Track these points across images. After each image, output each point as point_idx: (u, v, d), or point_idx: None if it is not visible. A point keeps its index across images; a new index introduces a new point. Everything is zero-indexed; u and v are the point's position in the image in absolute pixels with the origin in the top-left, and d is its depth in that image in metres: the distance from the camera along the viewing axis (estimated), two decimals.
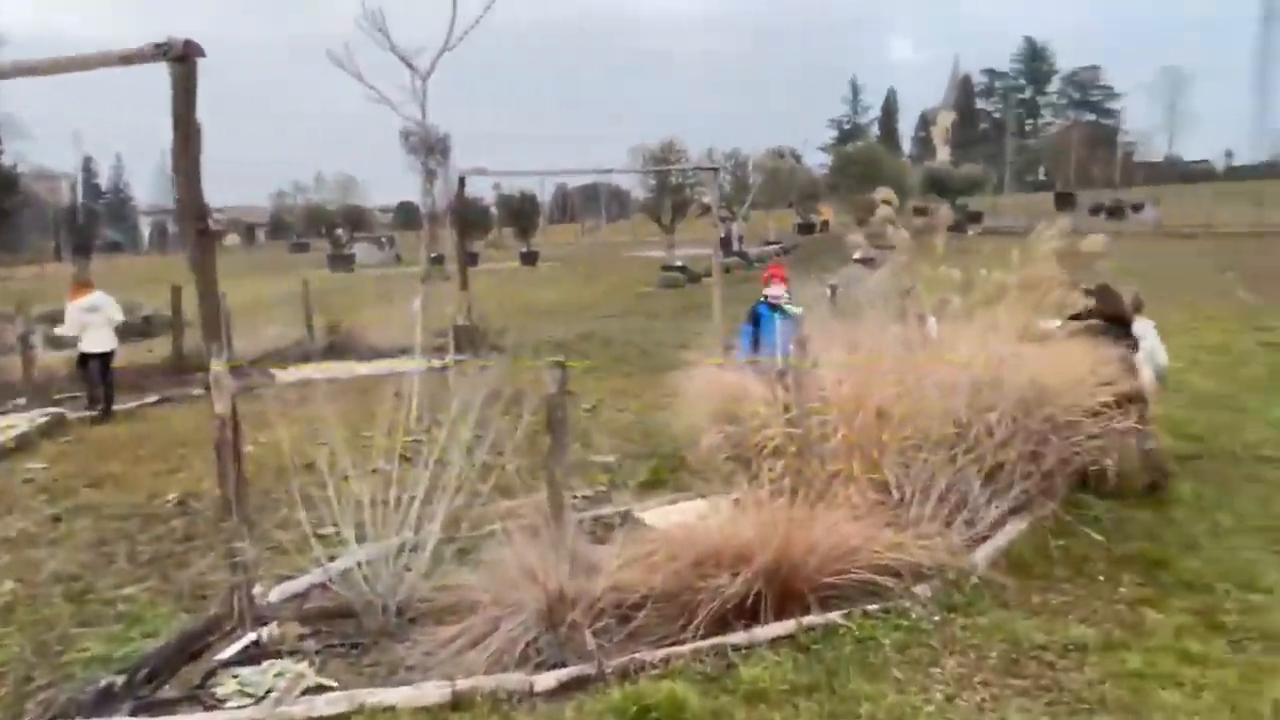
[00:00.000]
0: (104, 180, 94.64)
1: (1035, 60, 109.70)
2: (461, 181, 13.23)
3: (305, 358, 12.62)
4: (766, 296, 8.34)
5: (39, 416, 9.41)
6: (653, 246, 48.62)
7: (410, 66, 8.34)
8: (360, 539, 5.04)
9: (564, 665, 3.86)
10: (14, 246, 59.70)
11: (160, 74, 3.98)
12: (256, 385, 11.14)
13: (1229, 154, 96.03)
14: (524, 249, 37.97)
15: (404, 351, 13.23)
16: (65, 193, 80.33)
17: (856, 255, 28.53)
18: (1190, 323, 14.08)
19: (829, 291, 11.80)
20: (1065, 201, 62.39)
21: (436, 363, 12.52)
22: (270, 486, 7.04)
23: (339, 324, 13.09)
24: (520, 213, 38.15)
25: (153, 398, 10.38)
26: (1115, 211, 58.17)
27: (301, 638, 4.29)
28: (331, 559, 5.06)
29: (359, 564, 4.81)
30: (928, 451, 4.99)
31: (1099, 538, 5.12)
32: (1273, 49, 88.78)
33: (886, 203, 6.93)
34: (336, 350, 12.88)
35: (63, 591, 4.82)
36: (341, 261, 35.58)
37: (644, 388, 10.75)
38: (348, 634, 4.35)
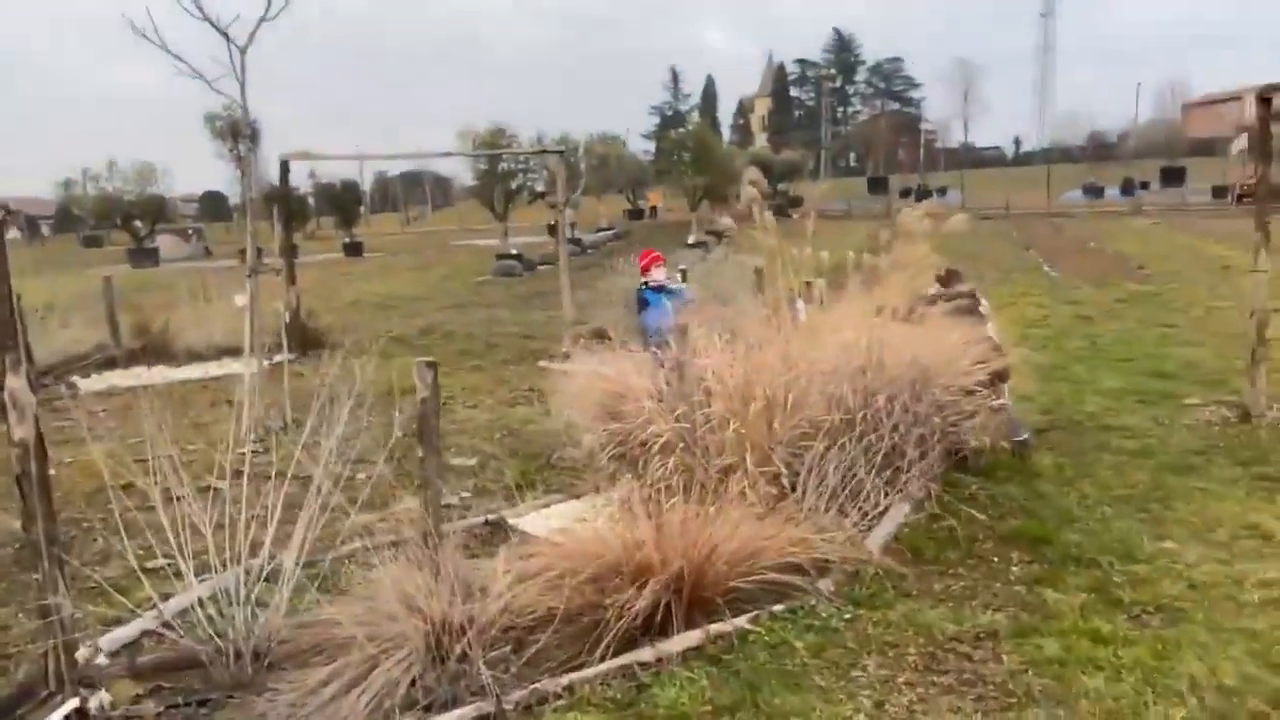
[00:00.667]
0: None
1: (843, 51, 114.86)
2: (284, 166, 12.28)
3: (111, 363, 11.36)
4: (648, 283, 8.10)
5: None
6: (482, 235, 47.61)
7: (226, 37, 7.50)
8: (199, 571, 4.42)
9: (457, 704, 3.43)
10: None
11: None
12: (56, 398, 9.92)
13: (1018, 140, 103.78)
14: (347, 239, 36.26)
15: (225, 353, 12.17)
16: None
17: (690, 239, 28.89)
18: (1009, 298, 14.85)
19: (679, 275, 11.65)
20: (878, 186, 65.72)
21: (265, 364, 11.58)
22: (81, 513, 6.18)
23: (149, 324, 11.85)
24: (341, 202, 36.35)
25: None
26: (923, 195, 61.76)
27: (137, 699, 3.65)
28: (165, 598, 4.41)
29: (200, 601, 4.19)
30: (818, 440, 4.83)
31: (981, 516, 5.12)
32: (1053, 40, 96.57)
33: (754, 184, 6.76)
34: (148, 354, 11.67)
35: None
36: (144, 256, 32.80)
37: (496, 383, 10.27)
38: (194, 689, 3.74)
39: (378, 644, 3.63)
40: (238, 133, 38.09)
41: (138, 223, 35.82)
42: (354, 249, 35.69)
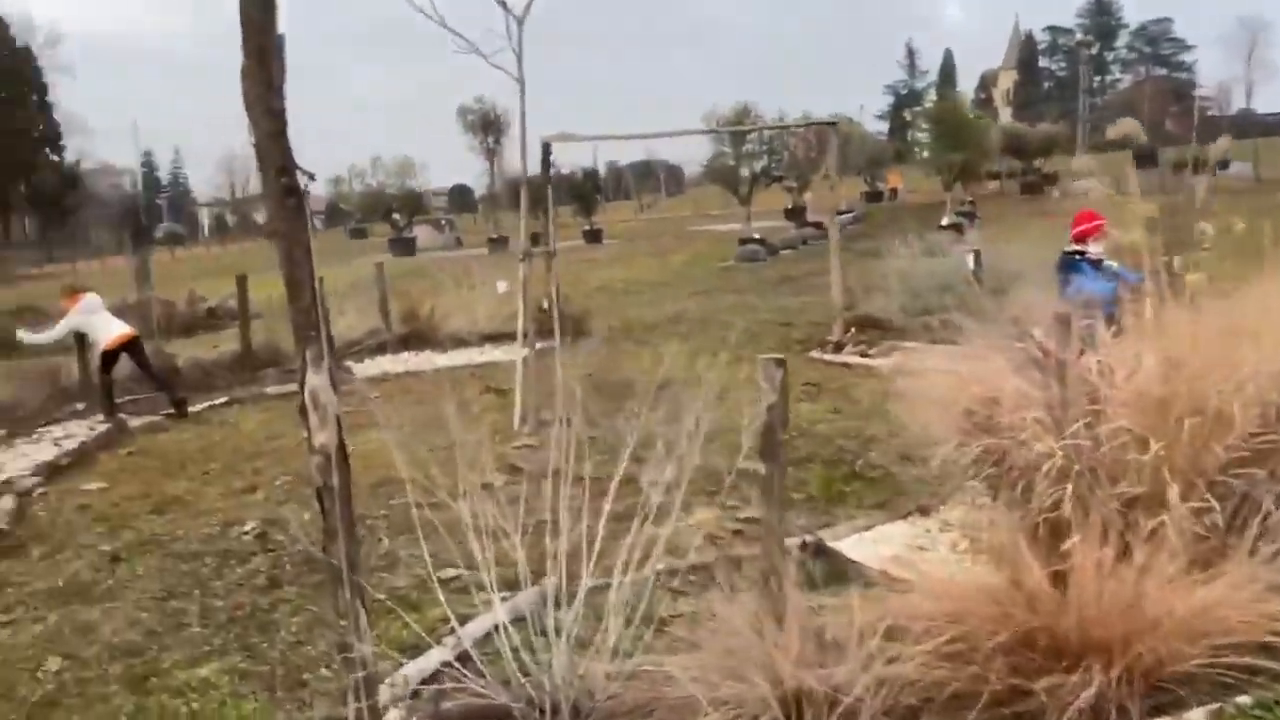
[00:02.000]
0: (163, 173, 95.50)
1: (1101, 15, 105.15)
2: (546, 149, 12.01)
3: (381, 349, 11.55)
4: (1082, 252, 6.35)
5: (98, 424, 8.44)
6: (717, 220, 47.13)
7: (504, 6, 7.11)
8: (497, 586, 3.87)
9: None
10: (76, 242, 60.28)
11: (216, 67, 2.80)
12: (337, 383, 10.11)
13: None
14: (586, 227, 36.77)
15: (488, 340, 12.12)
16: (126, 187, 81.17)
17: (944, 222, 26.76)
18: None
19: (971, 258, 10.35)
20: (1147, 159, 59.31)
21: (526, 351, 11.40)
22: (363, 509, 5.90)
23: (416, 311, 11.98)
24: (581, 190, 36.89)
25: (220, 398, 9.37)
26: (1202, 167, 55.05)
27: None
28: (463, 620, 3.91)
29: (502, 627, 3.64)
30: (1263, 465, 3.65)
31: None
32: None
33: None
34: (415, 340, 11.78)
35: (121, 674, 3.70)
36: (403, 246, 34.73)
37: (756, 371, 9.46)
38: None
39: (723, 713, 2.90)
40: (489, 125, 39.78)
41: (396, 215, 37.98)
42: (593, 236, 36.12)
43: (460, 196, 79.53)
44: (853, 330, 11.26)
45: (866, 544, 4.72)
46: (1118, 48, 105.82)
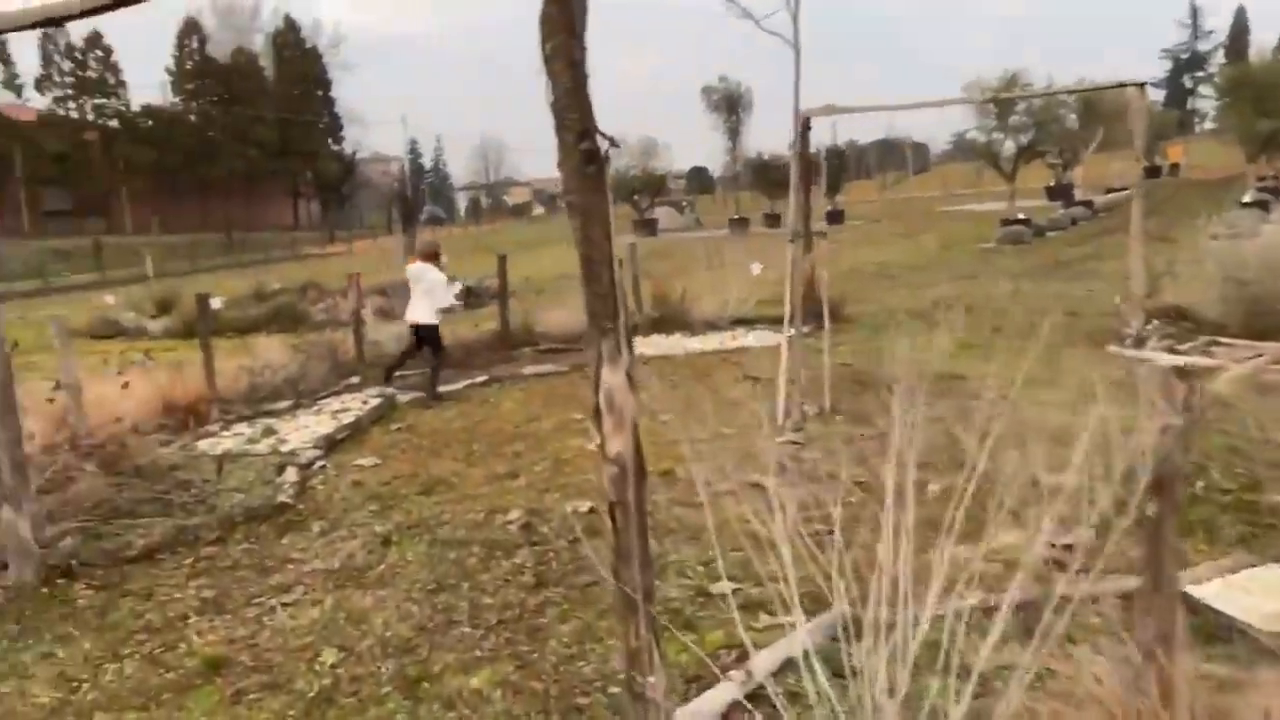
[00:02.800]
0: (426, 160, 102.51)
1: None
2: (805, 124, 11.36)
3: (632, 331, 11.36)
4: None
5: (372, 398, 8.74)
6: (967, 200, 44.34)
7: None
8: (786, 606, 3.37)
9: None
10: (352, 224, 65.84)
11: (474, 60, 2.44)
12: (587, 364, 10.02)
13: None
14: (830, 207, 35.61)
15: (739, 323, 11.68)
16: (394, 174, 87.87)
17: (1246, 198, 23.56)
18: None
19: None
20: None
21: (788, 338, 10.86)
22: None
23: (666, 293, 11.72)
24: (827, 169, 35.77)
25: (480, 377, 9.49)
26: None
27: None
28: (739, 658, 3.45)
29: (806, 655, 3.14)
30: None
31: None
32: None
33: None
34: (665, 323, 11.53)
35: (393, 674, 3.53)
36: (644, 227, 35.14)
37: (1057, 372, 8.38)
38: None
39: None
40: (733, 104, 39.45)
41: (637, 196, 38.46)
42: (835, 217, 34.95)
43: (698, 178, 79.97)
44: (1155, 322, 9.87)
45: (1236, 592, 3.83)
46: None
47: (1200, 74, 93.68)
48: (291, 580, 4.55)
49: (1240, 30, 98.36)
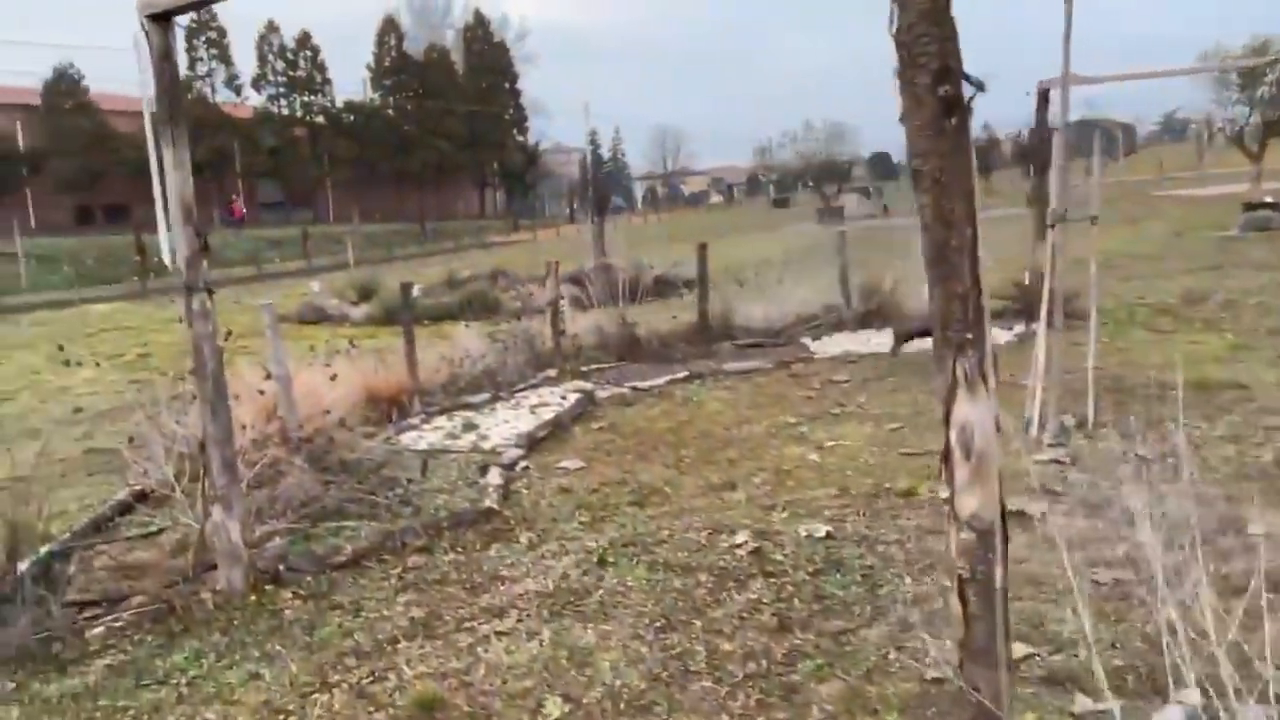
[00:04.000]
0: (605, 150, 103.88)
1: None
2: (1043, 97, 10.19)
3: (839, 326, 10.57)
4: None
5: (570, 393, 8.38)
6: (1185, 183, 40.44)
7: None
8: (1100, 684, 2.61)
9: None
10: (535, 213, 67.41)
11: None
12: (794, 360, 9.32)
13: None
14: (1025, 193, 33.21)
15: None
16: (576, 164, 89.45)
17: None
18: None
19: None
20: None
21: (1010, 335, 9.80)
22: (865, 527, 4.87)
23: (876, 284, 10.83)
24: (1030, 152, 33.36)
25: (681, 372, 8.95)
26: None
27: None
28: None
29: None
30: None
31: None
32: None
33: None
34: (874, 317, 10.65)
35: None
36: (832, 215, 33.88)
37: None
38: None
39: None
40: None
41: (820, 184, 37.15)
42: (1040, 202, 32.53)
43: (880, 164, 77.08)
44: None
45: None
46: None
47: None
48: (504, 603, 4.12)
49: None
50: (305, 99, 60.55)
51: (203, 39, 56.06)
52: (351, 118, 60.85)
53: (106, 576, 4.62)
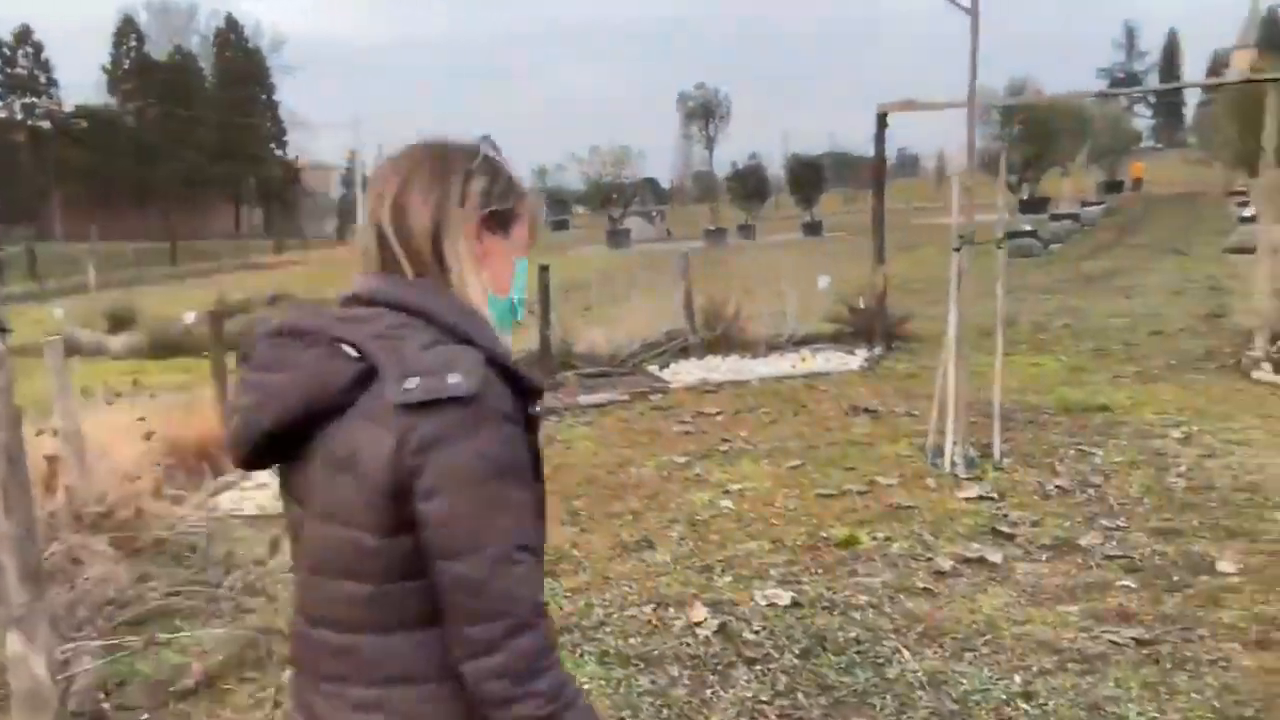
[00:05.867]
0: (370, 169, 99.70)
1: None
2: (881, 121, 10.26)
3: (684, 352, 10.08)
4: None
5: None
6: (931, 213, 43.90)
7: None
8: None
9: None
10: (298, 232, 63.45)
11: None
12: (650, 390, 8.70)
13: None
14: (807, 219, 34.80)
15: (801, 343, 10.48)
16: (337, 182, 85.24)
17: (1248, 213, 23.04)
18: None
19: None
20: None
21: (859, 358, 9.66)
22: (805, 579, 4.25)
23: (721, 310, 10.45)
24: (804, 180, 34.94)
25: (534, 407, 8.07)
26: None
27: None
28: None
29: None
30: None
31: None
32: None
33: None
34: (721, 344, 10.26)
35: None
36: (620, 238, 33.84)
37: (1209, 400, 7.30)
38: None
39: None
40: (710, 112, 38.40)
41: (606, 207, 37.13)
42: (813, 229, 34.11)
43: (652, 189, 78.87)
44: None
45: None
46: None
47: (1136, 94, 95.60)
48: None
49: (1172, 51, 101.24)
50: (25, 101, 53.79)
51: None
52: (85, 124, 54.66)
53: None
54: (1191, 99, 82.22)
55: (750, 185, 34.74)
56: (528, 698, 1.05)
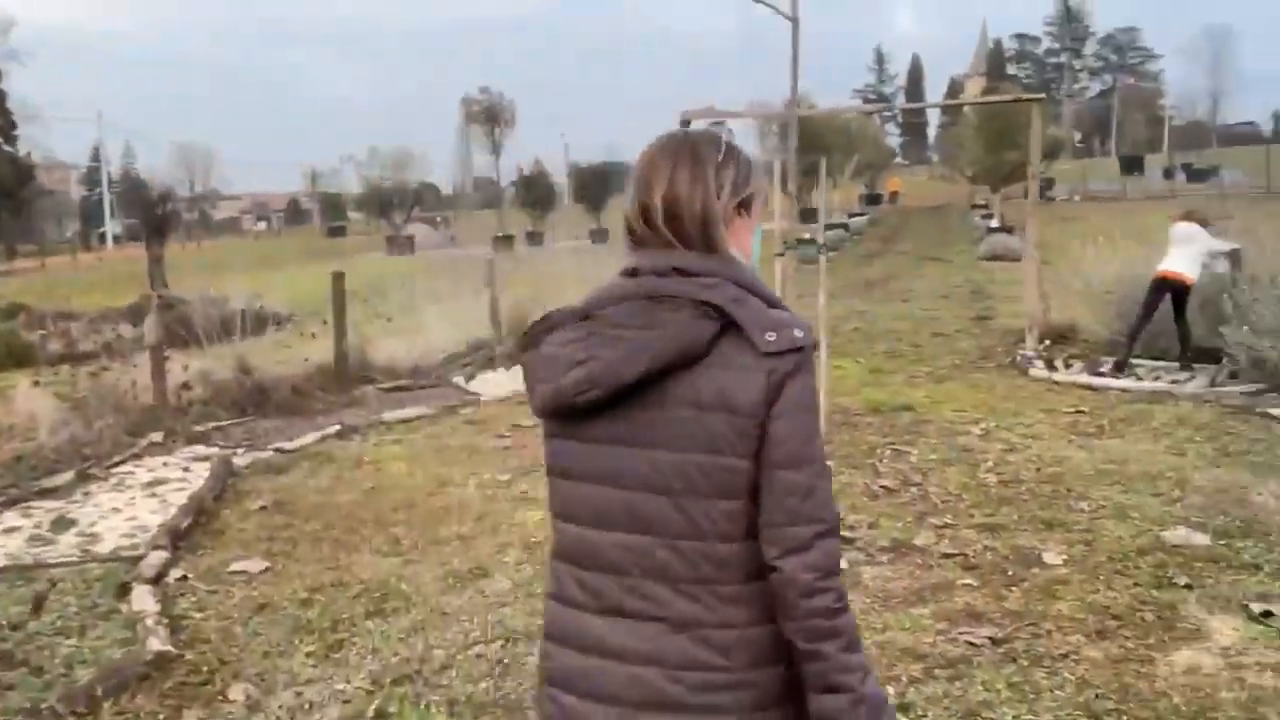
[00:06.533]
0: (114, 167, 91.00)
1: (1071, 22, 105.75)
2: (685, 126, 10.24)
3: (490, 363, 9.69)
4: None
5: (191, 461, 6.50)
6: None
7: None
8: None
9: None
10: (37, 236, 57.07)
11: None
12: (460, 404, 8.23)
13: (1277, 115, 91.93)
14: (594, 226, 34.96)
15: None
16: (74, 182, 77.62)
17: (994, 224, 25.33)
18: None
19: (1228, 256, 8.72)
20: (1133, 165, 59.01)
21: None
22: None
23: (527, 318, 10.10)
24: (590, 187, 35.08)
25: (332, 426, 7.42)
26: (1199, 175, 54.89)
27: None
28: None
29: None
30: None
31: None
32: None
33: None
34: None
35: None
36: (403, 245, 32.55)
37: (1003, 399, 7.76)
38: None
39: None
40: (495, 116, 37.74)
41: (386, 212, 35.70)
42: (601, 236, 34.32)
43: (432, 194, 76.99)
44: (1048, 343, 9.66)
45: None
46: (1085, 55, 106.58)
47: (888, 113, 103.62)
48: None
49: (917, 75, 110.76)
50: None
51: None
52: None
53: None
54: (934, 119, 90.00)
55: (537, 192, 34.47)
56: (829, 591, 1.27)
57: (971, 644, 3.61)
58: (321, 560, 4.74)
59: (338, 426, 7.40)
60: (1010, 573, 4.29)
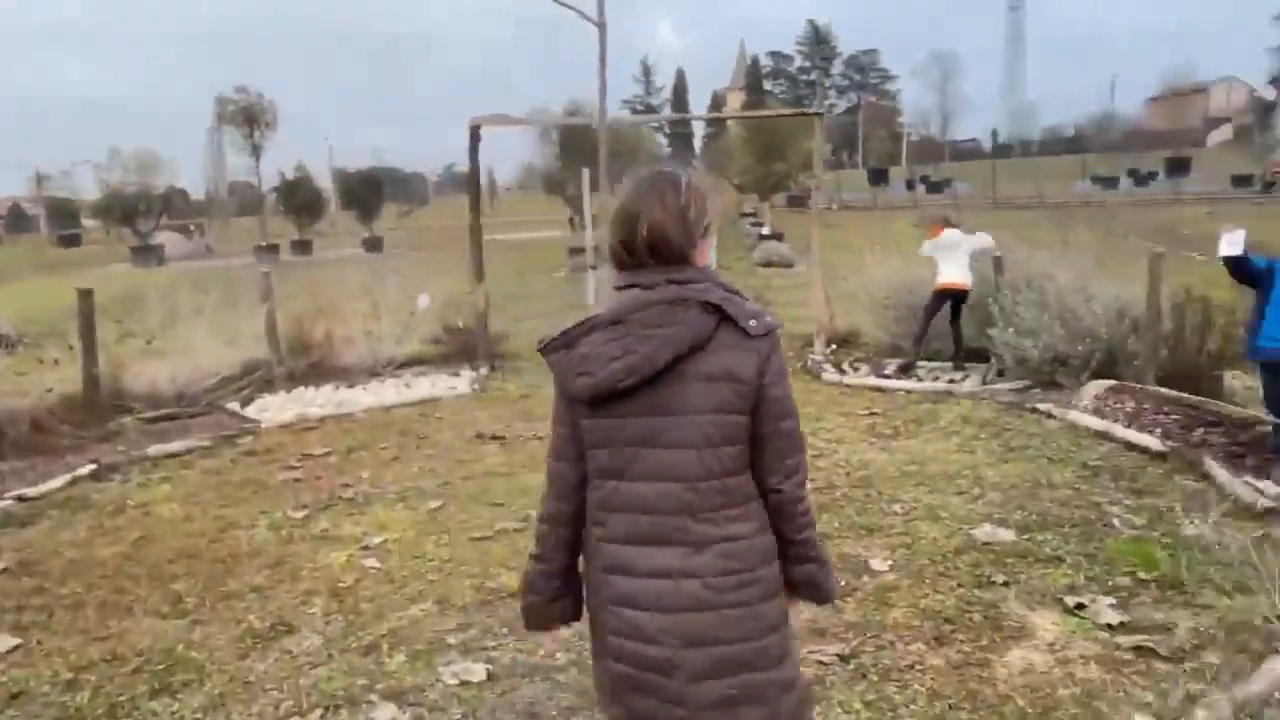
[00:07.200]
0: None
1: (820, 43, 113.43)
2: (475, 134, 9.88)
3: (268, 385, 8.89)
4: None
5: None
6: (489, 229, 44.87)
7: None
8: None
9: None
10: None
11: None
12: (238, 433, 7.44)
13: (995, 133, 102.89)
14: (366, 234, 33.50)
15: (403, 366, 9.79)
16: None
17: (766, 231, 26.61)
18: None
19: (993, 259, 9.33)
20: (879, 177, 63.93)
21: (467, 382, 9.16)
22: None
23: (307, 337, 9.36)
24: (360, 195, 33.54)
25: (85, 467, 6.48)
26: (934, 187, 60.24)
27: None
28: None
29: None
30: None
31: None
32: (1021, 33, 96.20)
33: None
34: (311, 374, 9.21)
35: None
36: (149, 255, 29.67)
37: (805, 402, 7.94)
38: None
39: None
40: (253, 118, 35.11)
41: (130, 219, 32.52)
42: (374, 245, 32.96)
43: (181, 199, 71.26)
44: (835, 347, 10.08)
45: None
46: (833, 75, 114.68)
47: (655, 124, 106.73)
48: None
49: (681, 88, 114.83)
50: None
51: None
52: None
53: None
54: (699, 130, 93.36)
55: (301, 198, 32.51)
56: (806, 498, 1.92)
57: (822, 663, 3.55)
58: (86, 630, 4.04)
59: (92, 466, 6.48)
60: (844, 583, 4.30)
